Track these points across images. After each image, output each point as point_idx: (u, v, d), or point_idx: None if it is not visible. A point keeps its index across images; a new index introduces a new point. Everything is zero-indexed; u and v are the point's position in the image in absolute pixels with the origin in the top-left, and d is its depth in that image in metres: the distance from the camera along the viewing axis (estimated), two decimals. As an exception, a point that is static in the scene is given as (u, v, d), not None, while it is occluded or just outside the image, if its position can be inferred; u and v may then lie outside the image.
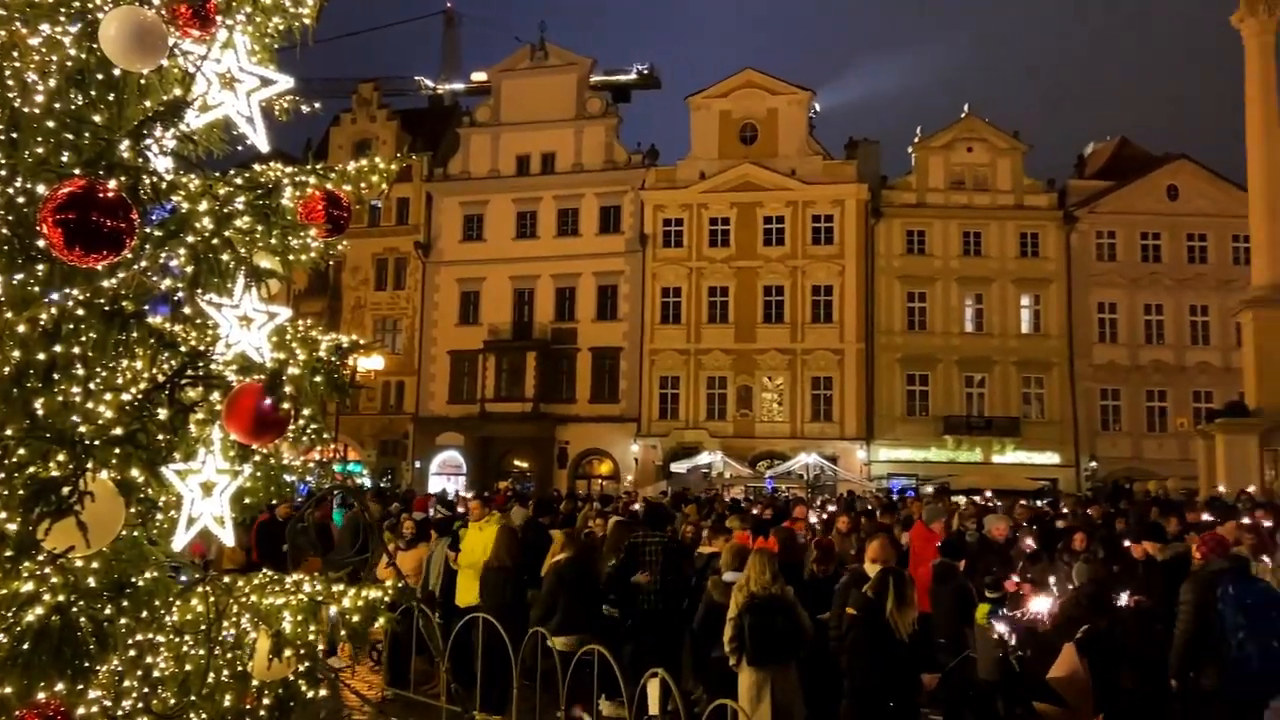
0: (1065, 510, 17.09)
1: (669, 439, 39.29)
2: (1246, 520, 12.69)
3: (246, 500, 3.16)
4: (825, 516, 14.73)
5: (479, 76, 50.91)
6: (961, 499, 23.75)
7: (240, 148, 3.31)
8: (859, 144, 42.00)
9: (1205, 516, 12.35)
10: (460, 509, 16.14)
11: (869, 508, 16.16)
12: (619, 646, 9.81)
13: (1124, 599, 7.80)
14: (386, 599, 3.39)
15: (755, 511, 14.99)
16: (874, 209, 40.01)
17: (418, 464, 41.87)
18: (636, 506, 16.95)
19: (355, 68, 70.56)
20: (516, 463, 41.80)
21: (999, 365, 39.40)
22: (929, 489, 30.75)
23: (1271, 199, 23.21)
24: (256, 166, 3.25)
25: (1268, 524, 12.19)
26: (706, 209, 41.02)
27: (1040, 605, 7.41)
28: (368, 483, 39.77)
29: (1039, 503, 22.75)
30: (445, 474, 41.85)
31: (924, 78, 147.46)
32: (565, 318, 41.70)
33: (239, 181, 3.11)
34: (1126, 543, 9.99)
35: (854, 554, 9.91)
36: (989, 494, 23.69)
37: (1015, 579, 8.20)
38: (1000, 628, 7.32)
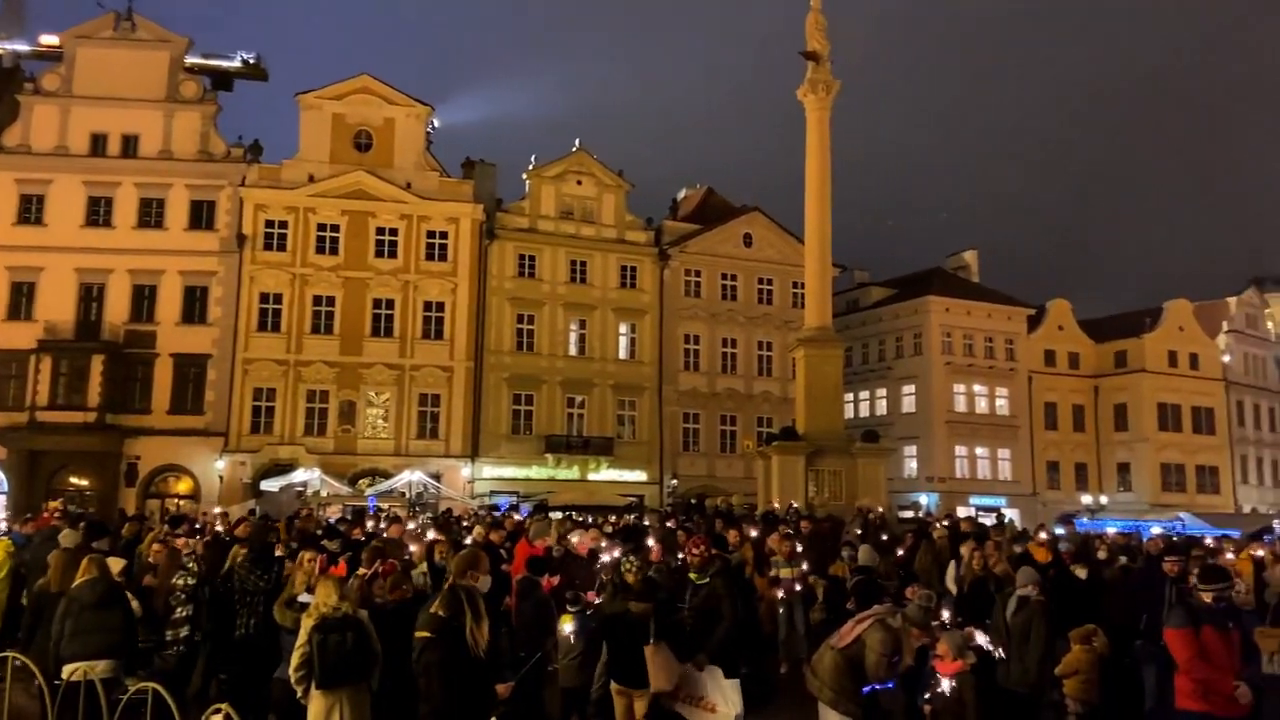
0: (649, 524, 18.48)
1: (261, 455, 36.73)
2: (791, 532, 14.66)
3: None
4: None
5: (49, 40, 44.31)
6: (558, 515, 24.80)
7: None
8: (476, 164, 42.58)
9: (752, 533, 13.99)
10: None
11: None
12: (185, 679, 8.97)
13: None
14: None
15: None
16: (488, 230, 40.71)
17: (-60, 482, 35.13)
18: (220, 528, 15.74)
19: (-121, 3, 58.11)
20: (74, 480, 36.58)
21: (598, 388, 41.80)
22: (527, 505, 31.71)
23: (822, 254, 26.99)
24: None
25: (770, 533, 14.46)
26: (314, 214, 39.13)
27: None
28: None
29: (628, 516, 24.45)
30: (-22, 493, 35.56)
31: (541, 107, 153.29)
32: (143, 319, 37.36)
33: None
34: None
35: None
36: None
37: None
38: (568, 629, 7.71)
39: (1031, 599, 8.46)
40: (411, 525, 16.38)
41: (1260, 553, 12.11)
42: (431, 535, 11.69)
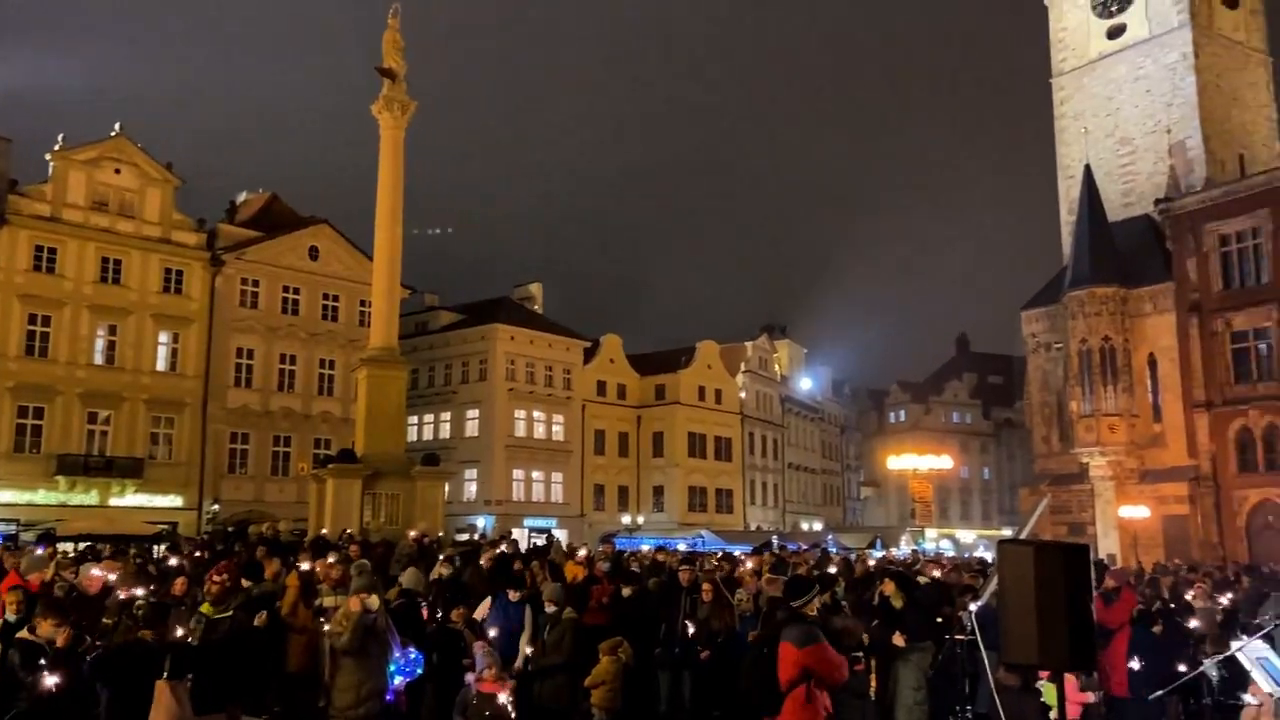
0: (183, 553, 16.74)
1: None
2: (344, 560, 14.13)
3: None
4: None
5: None
6: (69, 546, 21.60)
7: None
8: (-16, 136, 36.14)
9: (303, 566, 13.30)
10: None
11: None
12: None
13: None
14: None
15: None
16: (-5, 213, 34.68)
17: None
18: None
19: None
20: None
21: (129, 402, 37.27)
22: (30, 536, 27.29)
23: (391, 273, 26.59)
24: None
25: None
26: None
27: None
28: None
29: (160, 547, 21.89)
30: None
31: (81, 87, 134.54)
32: None
33: None
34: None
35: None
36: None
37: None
38: (47, 682, 6.78)
39: (563, 617, 8.95)
40: None
41: (750, 564, 14.05)
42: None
